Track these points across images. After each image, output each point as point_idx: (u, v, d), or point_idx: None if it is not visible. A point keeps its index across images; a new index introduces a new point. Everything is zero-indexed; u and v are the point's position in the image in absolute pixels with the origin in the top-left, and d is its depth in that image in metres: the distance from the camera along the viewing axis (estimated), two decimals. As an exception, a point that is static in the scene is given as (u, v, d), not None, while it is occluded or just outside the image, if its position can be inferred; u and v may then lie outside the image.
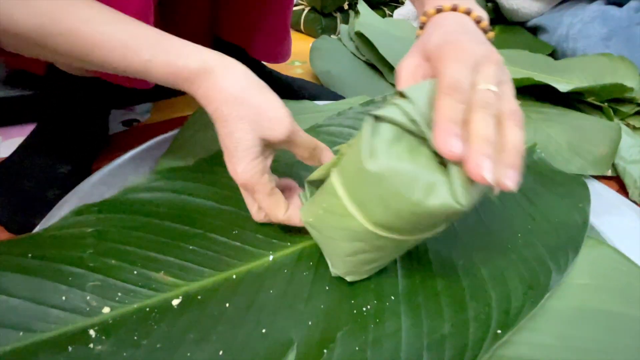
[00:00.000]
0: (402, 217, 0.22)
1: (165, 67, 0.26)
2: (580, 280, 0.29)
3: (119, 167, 0.39)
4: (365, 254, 0.26)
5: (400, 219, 0.22)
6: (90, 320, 0.24)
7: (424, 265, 0.30)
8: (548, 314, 0.27)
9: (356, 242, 0.25)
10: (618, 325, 0.27)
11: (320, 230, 0.27)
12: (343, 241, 0.26)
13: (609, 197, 0.42)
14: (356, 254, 0.26)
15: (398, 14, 0.94)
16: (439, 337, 0.24)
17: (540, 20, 0.90)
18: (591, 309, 0.28)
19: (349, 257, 0.26)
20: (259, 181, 0.28)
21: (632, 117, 0.56)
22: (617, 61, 0.64)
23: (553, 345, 0.25)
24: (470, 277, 0.28)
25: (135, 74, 0.27)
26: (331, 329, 0.25)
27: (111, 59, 0.26)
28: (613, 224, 0.39)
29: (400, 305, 0.26)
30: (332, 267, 0.28)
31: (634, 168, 0.47)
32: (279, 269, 0.29)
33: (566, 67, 0.67)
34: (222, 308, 0.26)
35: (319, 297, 0.27)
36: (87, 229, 0.28)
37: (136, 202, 0.30)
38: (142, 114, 0.60)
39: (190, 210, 0.31)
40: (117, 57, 0.26)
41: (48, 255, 0.26)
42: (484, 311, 0.26)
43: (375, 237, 0.24)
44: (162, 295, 0.26)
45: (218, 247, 0.29)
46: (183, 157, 0.39)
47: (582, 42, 0.78)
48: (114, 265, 0.27)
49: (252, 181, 0.28)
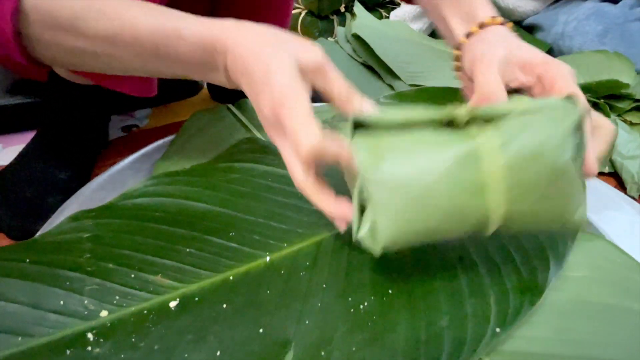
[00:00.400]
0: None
1: (196, 37, 0.27)
2: (577, 273, 0.29)
3: (118, 173, 0.40)
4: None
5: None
6: (88, 324, 0.24)
7: (421, 259, 0.30)
8: (545, 307, 0.27)
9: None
10: (614, 318, 0.27)
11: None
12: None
13: (606, 192, 0.42)
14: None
15: (394, 15, 0.94)
16: (437, 329, 0.25)
17: (537, 18, 0.90)
18: (587, 301, 0.28)
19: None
20: (299, 95, 0.24)
21: (629, 113, 0.56)
22: (613, 58, 0.64)
23: (550, 338, 0.25)
24: (468, 273, 0.28)
25: (162, 56, 0.27)
26: (328, 328, 0.25)
27: (141, 39, 0.26)
28: (611, 220, 0.39)
29: (397, 300, 0.27)
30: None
31: (631, 163, 0.47)
32: (275, 269, 0.29)
33: (563, 65, 0.67)
34: (219, 309, 0.26)
35: (315, 295, 0.27)
36: (84, 234, 0.28)
37: (133, 207, 0.31)
38: (141, 120, 0.61)
39: (187, 214, 0.31)
40: (146, 35, 0.26)
41: (46, 261, 0.26)
42: (482, 309, 0.26)
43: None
44: (160, 297, 0.26)
45: (215, 249, 0.29)
46: (179, 162, 0.39)
47: (578, 39, 0.78)
48: (111, 269, 0.27)
49: (292, 93, 0.24)
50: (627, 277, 0.29)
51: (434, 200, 0.22)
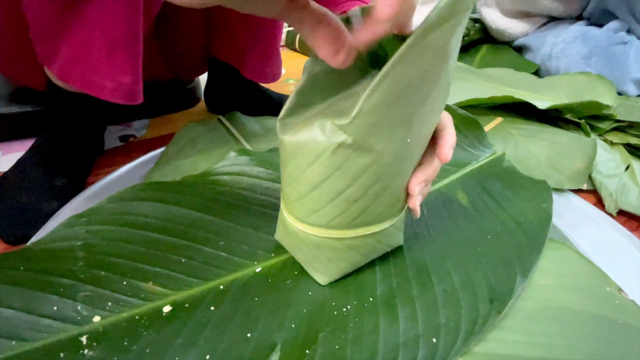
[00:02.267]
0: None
1: None
2: (545, 281, 0.31)
3: (113, 181, 0.41)
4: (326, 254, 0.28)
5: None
6: (81, 329, 0.25)
7: (401, 270, 0.31)
8: (515, 313, 0.29)
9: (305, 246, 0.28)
10: (578, 322, 0.28)
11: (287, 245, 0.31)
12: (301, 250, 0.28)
13: (584, 209, 0.44)
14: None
15: (388, 33, 0.97)
16: (413, 336, 0.26)
17: (526, 40, 0.94)
18: (554, 307, 0.29)
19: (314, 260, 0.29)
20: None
21: (610, 133, 0.59)
22: (596, 80, 0.67)
23: (519, 341, 0.27)
24: (443, 284, 0.30)
25: None
26: (313, 330, 0.26)
27: None
28: (588, 235, 0.40)
29: (378, 307, 0.28)
30: (313, 274, 0.30)
31: (610, 182, 0.49)
32: (263, 278, 0.30)
33: (549, 85, 0.70)
34: (208, 315, 0.27)
35: (302, 302, 0.28)
36: (76, 242, 0.29)
37: (123, 211, 0.32)
38: (139, 130, 0.62)
39: (178, 222, 0.32)
40: None
41: (39, 268, 0.27)
42: (454, 319, 0.27)
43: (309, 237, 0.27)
44: (151, 304, 0.27)
45: (205, 258, 0.30)
46: (171, 172, 0.41)
47: (564, 60, 0.81)
48: (103, 276, 0.28)
49: None
50: (591, 284, 0.31)
51: None
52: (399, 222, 0.30)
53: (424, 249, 0.34)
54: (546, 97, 0.64)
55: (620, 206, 0.47)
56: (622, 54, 0.76)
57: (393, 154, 0.24)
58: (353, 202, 0.25)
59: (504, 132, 0.56)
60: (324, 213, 0.26)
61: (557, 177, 0.48)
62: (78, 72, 0.35)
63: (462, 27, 0.20)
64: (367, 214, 0.26)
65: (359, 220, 0.27)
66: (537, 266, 0.32)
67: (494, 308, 0.28)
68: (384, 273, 0.31)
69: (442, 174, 0.44)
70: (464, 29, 0.21)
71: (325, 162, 0.24)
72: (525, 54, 0.93)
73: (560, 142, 0.53)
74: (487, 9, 0.96)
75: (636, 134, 0.57)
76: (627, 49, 0.76)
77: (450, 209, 0.39)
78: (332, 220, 0.27)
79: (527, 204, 0.39)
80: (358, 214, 0.26)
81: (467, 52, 0.97)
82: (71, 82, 0.36)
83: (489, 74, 0.74)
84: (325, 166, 0.24)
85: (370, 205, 0.26)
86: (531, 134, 0.55)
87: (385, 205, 0.27)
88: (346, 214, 0.26)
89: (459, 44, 0.22)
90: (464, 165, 0.46)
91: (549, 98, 0.64)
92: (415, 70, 0.20)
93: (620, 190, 0.48)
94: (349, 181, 0.24)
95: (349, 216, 0.26)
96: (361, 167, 0.24)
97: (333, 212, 0.26)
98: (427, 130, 0.25)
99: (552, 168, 0.49)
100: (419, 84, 0.21)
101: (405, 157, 0.25)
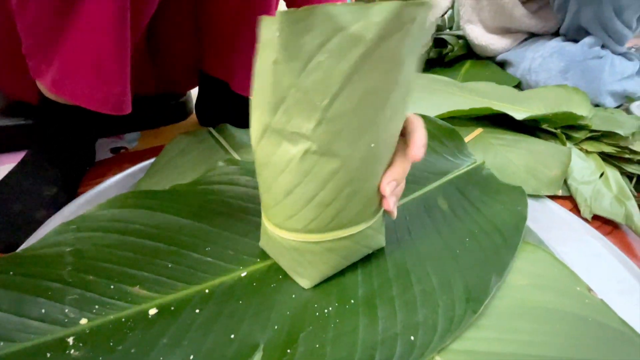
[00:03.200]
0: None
1: None
2: (520, 281, 0.32)
3: (103, 190, 0.42)
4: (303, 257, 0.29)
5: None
6: (68, 330, 0.25)
7: (382, 272, 0.32)
8: (491, 312, 0.30)
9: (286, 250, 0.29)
10: (551, 320, 0.29)
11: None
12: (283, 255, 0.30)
13: (560, 214, 0.46)
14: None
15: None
16: (391, 335, 0.27)
17: (507, 55, 0.97)
18: (528, 306, 0.30)
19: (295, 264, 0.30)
20: None
21: (585, 142, 0.61)
22: (572, 92, 0.70)
23: (494, 338, 0.28)
24: (422, 285, 0.31)
25: None
26: (295, 331, 0.27)
27: None
28: (563, 238, 0.42)
29: (359, 307, 0.29)
30: (296, 278, 0.31)
31: (585, 188, 0.51)
32: (248, 282, 0.31)
33: (528, 97, 0.73)
34: (193, 317, 0.28)
35: (285, 304, 0.29)
36: (66, 248, 0.30)
37: (112, 217, 0.33)
38: (130, 142, 0.63)
39: (166, 229, 0.33)
40: None
41: (29, 273, 0.28)
42: (431, 318, 0.28)
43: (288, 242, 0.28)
44: (137, 307, 0.28)
45: (191, 263, 0.31)
46: (161, 181, 0.42)
47: (543, 74, 0.84)
48: (91, 280, 0.28)
49: None
50: (563, 284, 0.32)
51: None
52: (376, 224, 0.31)
53: (405, 252, 0.35)
54: (524, 109, 0.67)
55: (594, 211, 0.49)
56: (597, 68, 0.79)
57: (359, 158, 0.25)
58: (326, 206, 0.27)
59: (484, 141, 0.58)
60: (299, 218, 0.27)
61: (535, 183, 0.50)
62: (69, 85, 0.37)
63: (414, 37, 0.22)
64: (341, 217, 0.28)
65: (334, 223, 0.28)
66: (513, 267, 0.34)
67: (470, 307, 0.29)
68: (365, 275, 0.32)
69: (424, 182, 0.46)
70: (427, 36, 0.23)
71: (295, 168, 0.25)
72: (507, 68, 0.97)
73: (538, 151, 0.55)
74: (470, 25, 1.00)
75: (610, 143, 0.60)
76: (602, 63, 0.80)
77: (431, 214, 0.40)
78: (308, 225, 0.28)
79: (503, 207, 0.41)
80: (332, 217, 0.27)
81: (452, 67, 1.00)
82: (62, 94, 0.37)
83: (472, 87, 0.77)
84: (295, 173, 0.25)
85: (344, 209, 0.27)
86: (510, 144, 0.57)
87: (359, 207, 0.28)
88: (321, 217, 0.27)
89: (416, 51, 0.23)
90: (445, 174, 0.47)
91: (527, 110, 0.66)
92: (370, 80, 0.22)
93: (594, 196, 0.50)
94: (320, 186, 0.26)
95: (323, 220, 0.28)
96: (329, 172, 0.25)
97: (308, 217, 0.27)
98: (392, 133, 0.27)
99: (530, 175, 0.51)
100: (376, 91, 0.22)
101: (372, 161, 0.26)
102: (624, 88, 0.80)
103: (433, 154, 0.51)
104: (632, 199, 0.50)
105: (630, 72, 0.81)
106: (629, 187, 0.53)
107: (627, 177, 0.57)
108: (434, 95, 0.71)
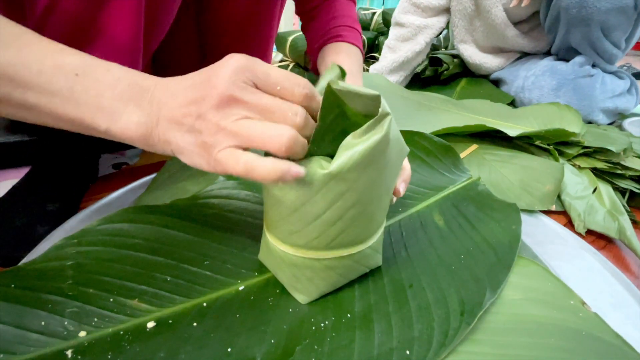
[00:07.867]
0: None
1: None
2: (514, 296, 0.33)
3: (104, 206, 0.43)
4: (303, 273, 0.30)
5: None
6: (67, 343, 0.26)
7: (379, 287, 0.33)
8: (486, 326, 0.30)
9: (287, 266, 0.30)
10: (545, 334, 0.30)
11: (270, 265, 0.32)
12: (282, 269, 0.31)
13: (554, 228, 0.47)
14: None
15: (373, 68, 1.02)
16: (387, 349, 0.27)
17: (501, 73, 1.00)
18: (522, 321, 0.31)
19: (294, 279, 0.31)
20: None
21: (578, 158, 0.62)
22: (564, 109, 0.72)
23: (489, 353, 0.28)
24: (418, 300, 0.31)
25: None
26: (291, 344, 0.27)
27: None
28: (557, 253, 0.43)
29: (356, 322, 0.29)
30: (293, 293, 0.31)
31: (578, 203, 0.52)
32: (246, 296, 0.31)
33: (521, 114, 0.74)
34: (191, 330, 0.28)
35: (282, 318, 0.30)
36: (66, 262, 0.30)
37: (113, 232, 0.33)
38: (132, 158, 0.64)
39: (165, 243, 0.34)
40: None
41: (29, 286, 0.28)
42: (427, 332, 0.29)
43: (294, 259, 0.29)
44: (136, 320, 0.28)
45: (190, 277, 0.32)
46: (161, 196, 0.42)
47: (535, 92, 0.87)
48: (91, 293, 0.29)
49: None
50: (557, 298, 0.33)
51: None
52: (375, 244, 0.32)
53: (401, 268, 0.35)
54: (518, 126, 0.68)
55: (588, 226, 0.50)
56: (588, 86, 0.81)
57: (366, 181, 0.26)
58: (330, 225, 0.28)
59: (479, 157, 0.59)
60: (303, 234, 0.28)
61: (529, 198, 0.51)
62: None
63: (388, 155, 0.27)
64: (344, 237, 0.28)
65: (336, 242, 0.29)
66: (507, 282, 0.34)
67: (464, 320, 0.30)
68: (362, 291, 0.33)
69: (421, 197, 0.46)
70: (403, 148, 0.30)
71: (304, 187, 0.26)
72: (501, 86, 0.99)
73: (531, 167, 0.57)
74: (464, 45, 1.03)
75: (602, 158, 0.61)
76: (593, 81, 0.82)
77: (427, 230, 0.41)
78: (310, 242, 0.28)
79: (498, 225, 0.41)
80: (335, 237, 0.28)
81: (448, 85, 1.02)
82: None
83: (466, 105, 0.79)
84: (305, 191, 0.26)
85: (347, 228, 0.28)
86: (504, 160, 0.59)
87: (361, 228, 0.29)
88: (324, 236, 0.28)
89: (397, 154, 0.29)
90: (441, 189, 0.48)
91: (521, 126, 0.68)
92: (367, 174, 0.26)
93: (588, 211, 0.51)
94: (327, 205, 0.27)
95: (326, 238, 0.28)
96: (338, 193, 0.26)
97: (311, 234, 0.28)
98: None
99: (524, 190, 0.52)
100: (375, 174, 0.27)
101: (378, 185, 0.28)
102: (615, 105, 0.81)
103: (429, 169, 0.52)
104: (624, 214, 0.51)
105: (621, 89, 0.83)
106: (621, 202, 0.54)
107: (620, 192, 0.58)
108: (430, 113, 0.72)
